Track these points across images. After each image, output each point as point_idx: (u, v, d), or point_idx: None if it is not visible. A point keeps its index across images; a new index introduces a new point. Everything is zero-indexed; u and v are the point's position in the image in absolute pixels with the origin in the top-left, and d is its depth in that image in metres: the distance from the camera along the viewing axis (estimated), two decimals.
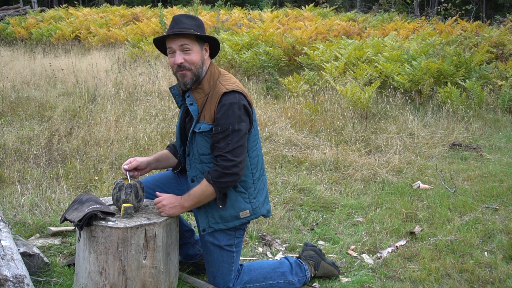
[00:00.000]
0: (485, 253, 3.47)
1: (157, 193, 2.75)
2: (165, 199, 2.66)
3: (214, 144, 2.58)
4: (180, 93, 2.79)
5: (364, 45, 9.40)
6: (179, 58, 2.61)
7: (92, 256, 2.57)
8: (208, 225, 2.72)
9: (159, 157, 2.93)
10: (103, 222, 2.55)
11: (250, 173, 2.72)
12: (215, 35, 11.46)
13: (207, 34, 2.67)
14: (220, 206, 2.67)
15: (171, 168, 3.02)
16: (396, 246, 3.57)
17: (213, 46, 2.76)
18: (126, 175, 2.79)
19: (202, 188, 2.60)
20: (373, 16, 15.78)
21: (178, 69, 2.63)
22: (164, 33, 12.44)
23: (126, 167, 2.80)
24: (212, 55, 2.78)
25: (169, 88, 2.82)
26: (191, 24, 2.62)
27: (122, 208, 2.63)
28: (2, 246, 2.61)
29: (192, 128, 2.67)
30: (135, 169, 2.84)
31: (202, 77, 2.66)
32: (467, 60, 7.99)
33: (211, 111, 2.59)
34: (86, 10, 18.28)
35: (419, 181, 4.80)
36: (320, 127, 6.35)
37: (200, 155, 2.66)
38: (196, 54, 2.62)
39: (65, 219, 2.67)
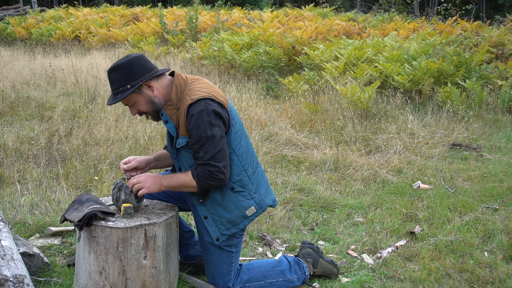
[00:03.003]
0: (485, 253, 3.47)
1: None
2: (143, 175, 2.66)
3: (195, 155, 2.59)
4: None
5: (364, 45, 9.39)
6: (133, 111, 2.72)
7: (92, 256, 2.57)
8: (220, 234, 2.72)
9: (158, 156, 2.92)
10: (103, 222, 2.55)
11: (243, 170, 2.70)
12: (215, 35, 11.43)
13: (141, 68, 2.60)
14: (200, 201, 2.69)
15: (169, 168, 3.01)
16: (396, 246, 3.57)
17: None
18: (126, 176, 2.79)
19: (186, 179, 2.60)
20: (373, 16, 15.78)
21: (140, 115, 2.74)
22: (164, 33, 12.21)
23: (125, 166, 2.79)
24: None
25: None
26: (118, 79, 2.60)
27: (122, 208, 2.63)
28: (2, 246, 2.61)
29: (174, 145, 2.69)
30: (135, 168, 2.82)
31: (162, 104, 2.66)
32: (467, 60, 7.99)
33: (183, 124, 2.60)
34: (86, 10, 18.26)
35: (419, 181, 4.80)
36: (320, 127, 6.35)
37: (191, 167, 2.66)
38: (141, 102, 2.65)
39: (65, 219, 2.67)
